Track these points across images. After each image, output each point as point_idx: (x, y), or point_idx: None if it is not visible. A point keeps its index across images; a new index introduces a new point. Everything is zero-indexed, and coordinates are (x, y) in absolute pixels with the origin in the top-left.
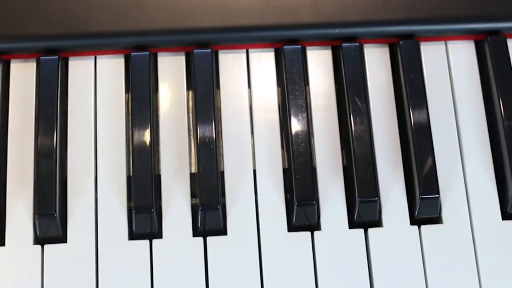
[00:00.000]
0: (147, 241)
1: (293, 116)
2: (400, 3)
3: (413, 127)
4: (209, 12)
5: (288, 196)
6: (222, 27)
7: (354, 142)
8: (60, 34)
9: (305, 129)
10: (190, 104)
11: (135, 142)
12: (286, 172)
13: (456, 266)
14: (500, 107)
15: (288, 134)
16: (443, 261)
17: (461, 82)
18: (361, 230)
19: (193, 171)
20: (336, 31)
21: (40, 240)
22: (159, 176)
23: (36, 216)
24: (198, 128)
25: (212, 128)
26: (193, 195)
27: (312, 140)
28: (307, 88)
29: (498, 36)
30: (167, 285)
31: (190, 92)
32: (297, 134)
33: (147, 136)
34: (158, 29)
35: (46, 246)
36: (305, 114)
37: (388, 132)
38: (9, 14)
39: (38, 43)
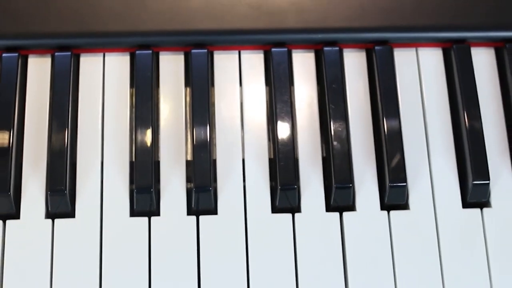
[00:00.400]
0: (146, 218)
1: (279, 112)
2: (376, 12)
3: (385, 124)
4: (206, 16)
5: (273, 183)
6: (218, 30)
7: (333, 136)
8: (73, 33)
9: (289, 123)
10: (188, 98)
11: (137, 131)
12: (272, 162)
13: (421, 249)
14: (463, 109)
15: (274, 128)
16: (409, 244)
17: (429, 85)
18: (337, 214)
19: (188, 158)
20: (319, 36)
21: (51, 215)
22: (158, 162)
23: (49, 193)
24: (194, 120)
25: (206, 120)
26: (188, 180)
27: (295, 133)
28: (292, 87)
29: (463, 45)
30: (163, 257)
31: (188, 88)
32: (281, 127)
33: (148, 126)
34: (160, 31)
35: (56, 220)
36: (290, 110)
37: (363, 128)
38: (28, 14)
39: (54, 40)
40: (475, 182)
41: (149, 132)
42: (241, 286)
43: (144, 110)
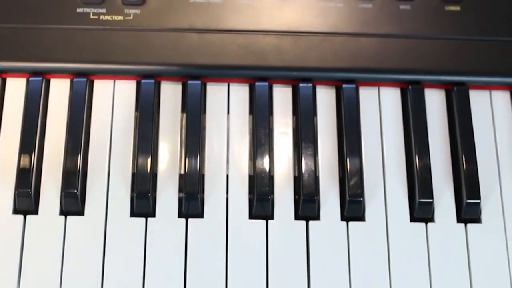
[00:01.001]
0: (144, 219)
1: (258, 137)
2: (345, 55)
3: (348, 149)
4: (202, 53)
5: (251, 195)
6: (211, 65)
7: (303, 157)
8: (90, 62)
9: (267, 146)
10: (183, 122)
11: (139, 147)
12: (251, 178)
13: (374, 256)
14: (414, 139)
15: (255, 150)
16: (364, 252)
17: (388, 118)
18: (303, 222)
19: (181, 172)
20: (295, 73)
21: (64, 212)
22: (155, 174)
23: (63, 193)
24: (187, 140)
25: (197, 141)
26: (180, 190)
27: (272, 155)
28: (271, 117)
29: (418, 86)
30: (157, 251)
31: (184, 113)
32: (260, 150)
33: (148, 143)
34: (163, 63)
35: (68, 217)
36: (268, 136)
37: (330, 151)
38: (52, 44)
39: (73, 67)
40: (420, 200)
41: (149, 149)
42: (221, 277)
43: (146, 130)
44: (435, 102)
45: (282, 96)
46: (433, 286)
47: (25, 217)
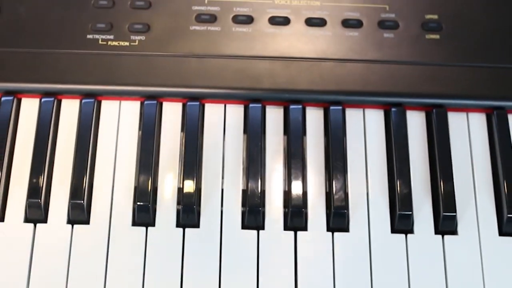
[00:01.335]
0: (144, 228)
1: (251, 154)
2: (332, 79)
3: (333, 168)
4: (201, 77)
5: (243, 207)
6: (209, 87)
7: (292, 175)
8: (97, 83)
9: (259, 163)
10: (183, 140)
11: (141, 163)
12: (244, 192)
13: (357, 264)
14: (395, 156)
15: (248, 166)
16: (348, 260)
17: (371, 138)
18: (292, 232)
19: (180, 186)
20: (286, 96)
21: (71, 221)
22: (156, 188)
23: (70, 204)
24: (185, 157)
25: (195, 158)
26: (178, 202)
27: (263, 171)
28: (264, 135)
29: (400, 108)
30: (156, 257)
31: (183, 132)
32: (253, 166)
33: (150, 159)
34: (165, 85)
35: (75, 226)
36: (260, 154)
37: (318, 168)
38: (63, 67)
39: (82, 88)
40: (400, 212)
41: (150, 164)
42: (215, 282)
43: (148, 147)
44: (415, 122)
45: (274, 117)
46: None
47: (35, 226)
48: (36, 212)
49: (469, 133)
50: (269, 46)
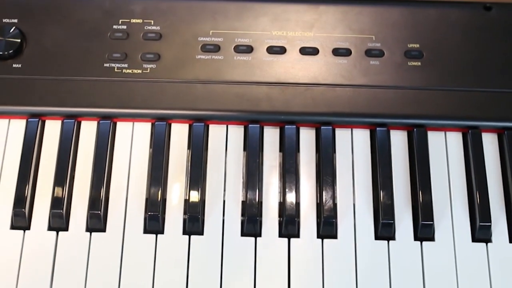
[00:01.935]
0: (154, 235)
1: (250, 169)
2: (323, 102)
3: (323, 181)
4: (205, 100)
5: (242, 217)
6: (212, 110)
7: (286, 188)
8: (113, 106)
9: (256, 177)
10: (189, 157)
11: (152, 177)
12: (243, 203)
13: (343, 268)
14: (379, 172)
15: (247, 180)
16: (336, 265)
17: (358, 155)
18: (286, 239)
19: (186, 198)
20: (282, 117)
21: (90, 229)
22: (165, 200)
23: (89, 213)
24: (191, 172)
25: (200, 174)
26: (185, 212)
27: (261, 185)
28: (262, 153)
29: (384, 128)
30: (164, 261)
31: (189, 150)
32: (251, 180)
33: (160, 174)
34: (173, 108)
35: (93, 234)
36: (257, 169)
37: (310, 182)
38: (82, 92)
39: (99, 111)
40: (383, 221)
41: (160, 179)
42: (217, 283)
43: (158, 163)
44: (398, 141)
45: (271, 136)
46: None
47: (57, 233)
48: (59, 221)
49: (446, 150)
50: (267, 73)
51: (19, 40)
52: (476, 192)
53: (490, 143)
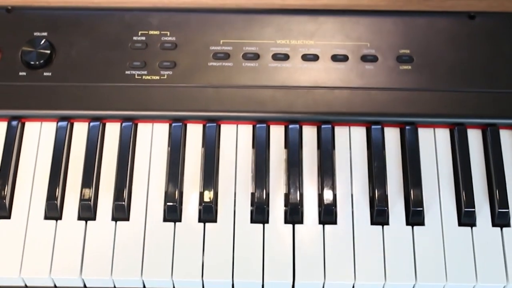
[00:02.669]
0: (173, 223)
1: (258, 164)
2: (324, 103)
3: (324, 174)
4: (217, 102)
5: (252, 207)
6: (224, 111)
7: (290, 180)
8: (134, 109)
9: (264, 172)
10: (203, 154)
11: (170, 172)
12: (252, 194)
13: (342, 251)
14: (374, 165)
15: (256, 174)
16: (335, 248)
17: (356, 151)
18: (291, 225)
19: (201, 190)
20: (286, 116)
21: (115, 218)
22: (182, 192)
23: (114, 205)
24: (205, 167)
25: (213, 168)
26: (200, 203)
27: (268, 178)
28: (268, 149)
29: (378, 125)
30: (182, 246)
31: (203, 148)
32: (259, 174)
33: (177, 169)
34: (188, 110)
35: (118, 222)
36: (264, 164)
37: (312, 174)
38: (107, 96)
39: (122, 114)
40: (378, 208)
41: (177, 173)
42: (229, 264)
43: (175, 159)
44: (392, 137)
45: (276, 134)
46: (387, 275)
47: (86, 223)
48: (87, 212)
49: (435, 144)
50: (272, 77)
51: (49, 51)
52: (462, 182)
53: (474, 138)
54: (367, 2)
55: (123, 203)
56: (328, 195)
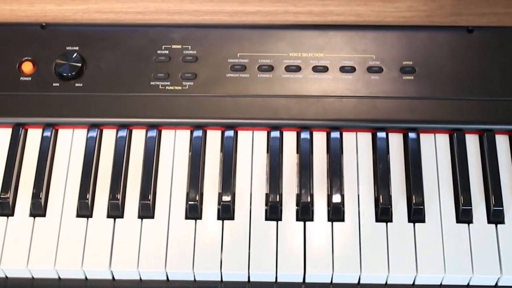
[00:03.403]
0: (194, 221)
1: (272, 168)
2: (332, 110)
3: (332, 176)
4: (235, 110)
5: (266, 206)
6: (240, 118)
7: (302, 182)
8: (158, 117)
9: (277, 174)
10: (222, 158)
11: (191, 175)
12: (267, 195)
13: (349, 246)
14: (379, 167)
15: (270, 176)
16: (343, 243)
17: (362, 155)
18: (302, 223)
19: (220, 191)
20: (298, 123)
21: (141, 216)
22: (202, 193)
23: (140, 203)
24: (223, 170)
25: (231, 171)
26: (218, 203)
27: (281, 181)
28: (281, 154)
29: (383, 131)
30: (203, 241)
31: (221, 153)
32: (273, 176)
33: (197, 172)
34: (208, 118)
35: (144, 220)
36: (277, 167)
37: (322, 177)
38: (133, 106)
39: (147, 121)
40: (382, 206)
41: (198, 176)
42: (245, 258)
43: (196, 163)
44: (395, 142)
45: (289, 140)
46: (390, 267)
47: (114, 220)
48: (116, 211)
49: (435, 149)
50: (285, 87)
51: (80, 64)
52: (460, 182)
53: (472, 143)
54: (373, 18)
55: (148, 202)
56: (336, 195)
